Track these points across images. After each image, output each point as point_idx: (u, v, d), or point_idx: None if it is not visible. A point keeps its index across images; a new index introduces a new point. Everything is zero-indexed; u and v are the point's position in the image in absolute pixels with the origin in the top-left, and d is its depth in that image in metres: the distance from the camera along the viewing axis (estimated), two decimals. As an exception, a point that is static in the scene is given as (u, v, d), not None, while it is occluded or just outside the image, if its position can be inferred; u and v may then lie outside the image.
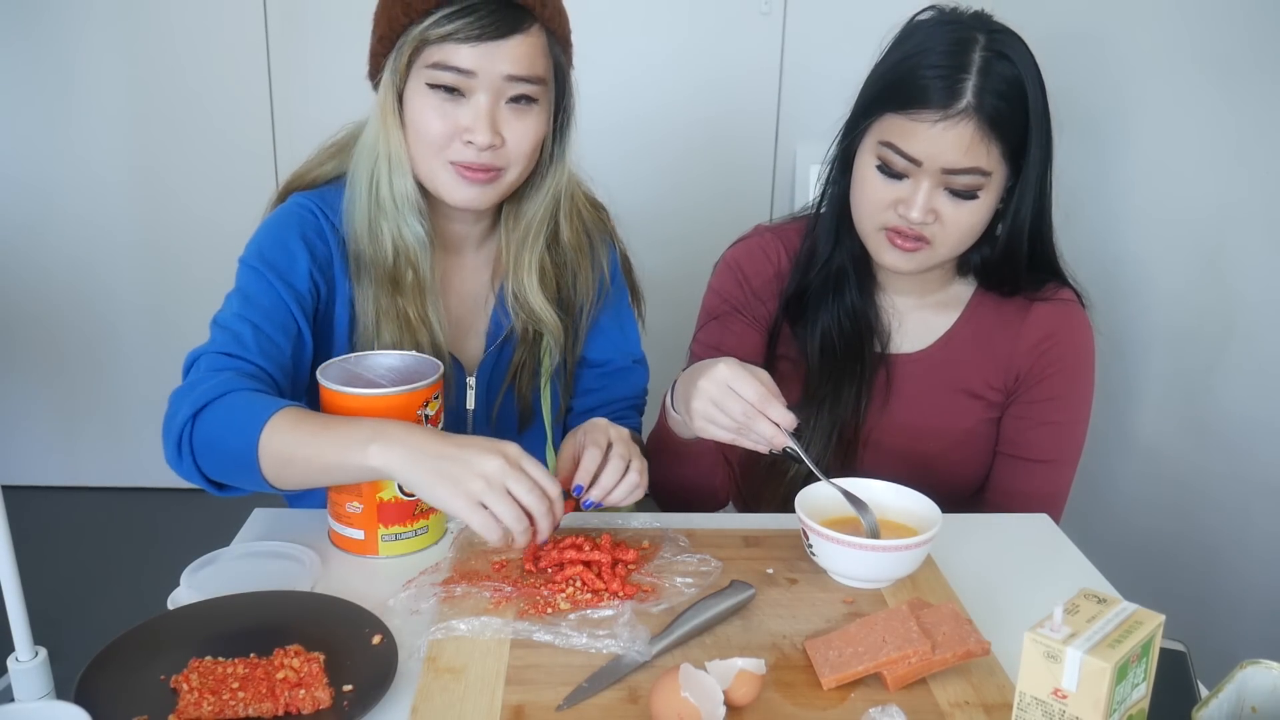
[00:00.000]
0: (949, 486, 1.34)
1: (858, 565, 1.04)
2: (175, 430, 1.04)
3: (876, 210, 1.22)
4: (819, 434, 1.31)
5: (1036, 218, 1.25)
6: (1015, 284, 1.31)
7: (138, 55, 2.76)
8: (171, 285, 2.90)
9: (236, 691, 0.84)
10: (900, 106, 1.17)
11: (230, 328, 1.13)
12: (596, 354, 1.38)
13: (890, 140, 1.18)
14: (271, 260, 1.17)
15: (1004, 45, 1.17)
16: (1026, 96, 1.16)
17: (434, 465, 0.95)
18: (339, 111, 1.28)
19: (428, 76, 1.13)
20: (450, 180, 1.17)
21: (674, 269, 1.87)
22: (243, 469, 1.02)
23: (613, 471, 1.09)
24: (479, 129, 1.13)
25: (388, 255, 1.20)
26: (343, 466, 0.99)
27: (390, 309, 1.21)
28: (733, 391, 1.06)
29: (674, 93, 2.77)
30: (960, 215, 1.19)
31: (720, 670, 0.85)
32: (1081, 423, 1.34)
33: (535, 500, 0.96)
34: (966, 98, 1.14)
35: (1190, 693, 0.86)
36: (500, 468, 0.95)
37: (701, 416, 1.08)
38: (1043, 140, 1.20)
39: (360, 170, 1.19)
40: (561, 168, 1.25)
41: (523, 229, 1.26)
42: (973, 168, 1.16)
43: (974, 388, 1.33)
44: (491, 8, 1.10)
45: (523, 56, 1.13)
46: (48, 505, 2.97)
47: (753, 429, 1.07)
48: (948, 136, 1.15)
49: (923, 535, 1.03)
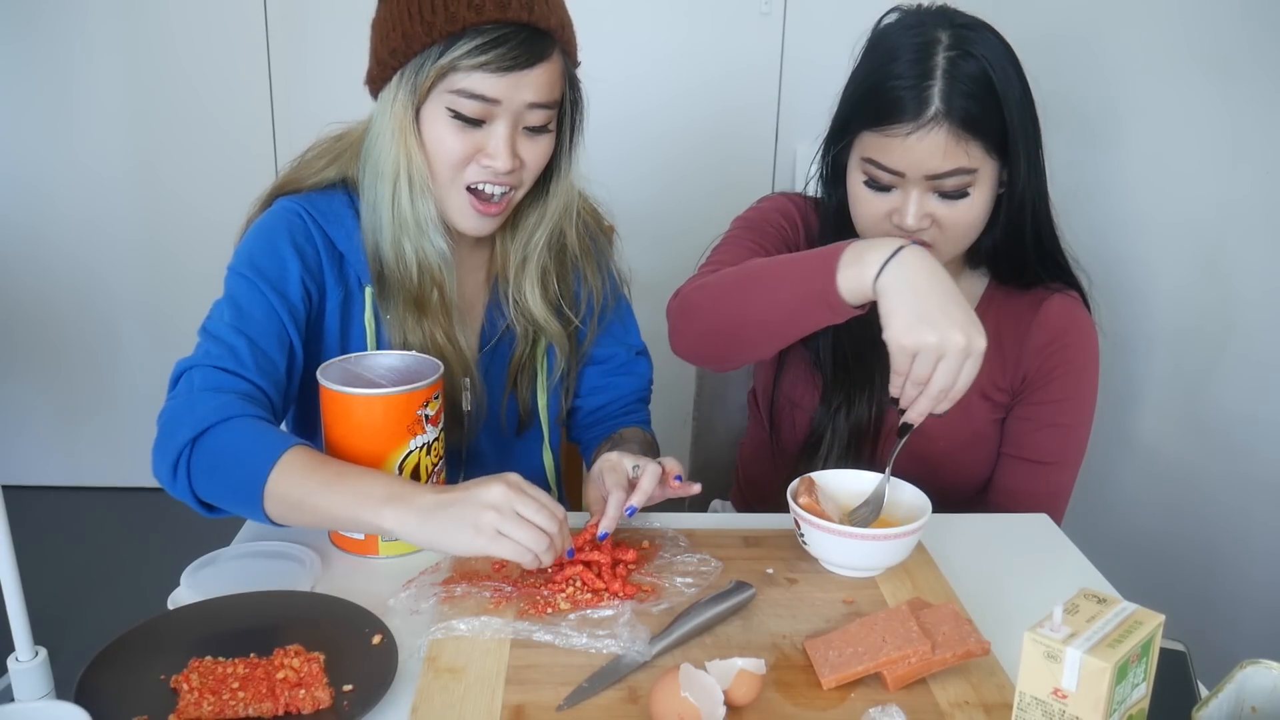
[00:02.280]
0: (955, 485, 1.34)
1: (849, 554, 1.06)
2: (173, 450, 1.03)
3: (874, 223, 1.22)
4: (837, 443, 1.32)
5: (1037, 198, 1.24)
6: (1025, 272, 1.30)
7: (138, 55, 2.76)
8: (171, 285, 2.91)
9: (236, 691, 0.84)
10: (873, 123, 1.17)
11: (224, 340, 1.11)
12: (600, 350, 1.38)
13: (870, 156, 1.19)
14: (263, 268, 1.16)
15: (967, 42, 1.15)
16: (997, 90, 1.15)
17: (444, 516, 0.96)
18: (339, 111, 1.28)
19: (449, 101, 1.12)
20: (462, 208, 1.17)
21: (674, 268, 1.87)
22: (244, 502, 1.01)
23: (650, 477, 1.09)
24: (500, 156, 1.13)
25: (413, 275, 1.19)
26: (354, 521, 1.00)
27: (417, 329, 1.21)
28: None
29: (674, 92, 2.77)
30: (956, 215, 1.19)
31: (720, 670, 0.85)
32: (1085, 425, 1.34)
33: (546, 519, 0.96)
34: (935, 104, 1.13)
35: (1190, 693, 0.87)
36: (504, 493, 0.96)
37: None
38: (1025, 125, 1.19)
39: (381, 190, 1.17)
40: (569, 181, 1.25)
41: (526, 242, 1.26)
42: (955, 169, 1.16)
43: (985, 389, 1.33)
44: (521, 37, 1.10)
45: (545, 84, 1.13)
46: (48, 505, 2.98)
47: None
48: (923, 146, 1.14)
49: (912, 524, 1.04)
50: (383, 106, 1.16)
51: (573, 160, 1.24)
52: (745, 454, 1.56)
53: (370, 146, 1.18)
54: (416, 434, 1.08)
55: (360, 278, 1.21)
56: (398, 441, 1.07)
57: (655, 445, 1.36)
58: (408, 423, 1.07)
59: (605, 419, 1.37)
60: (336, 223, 1.20)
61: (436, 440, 1.11)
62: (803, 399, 1.37)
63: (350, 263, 1.21)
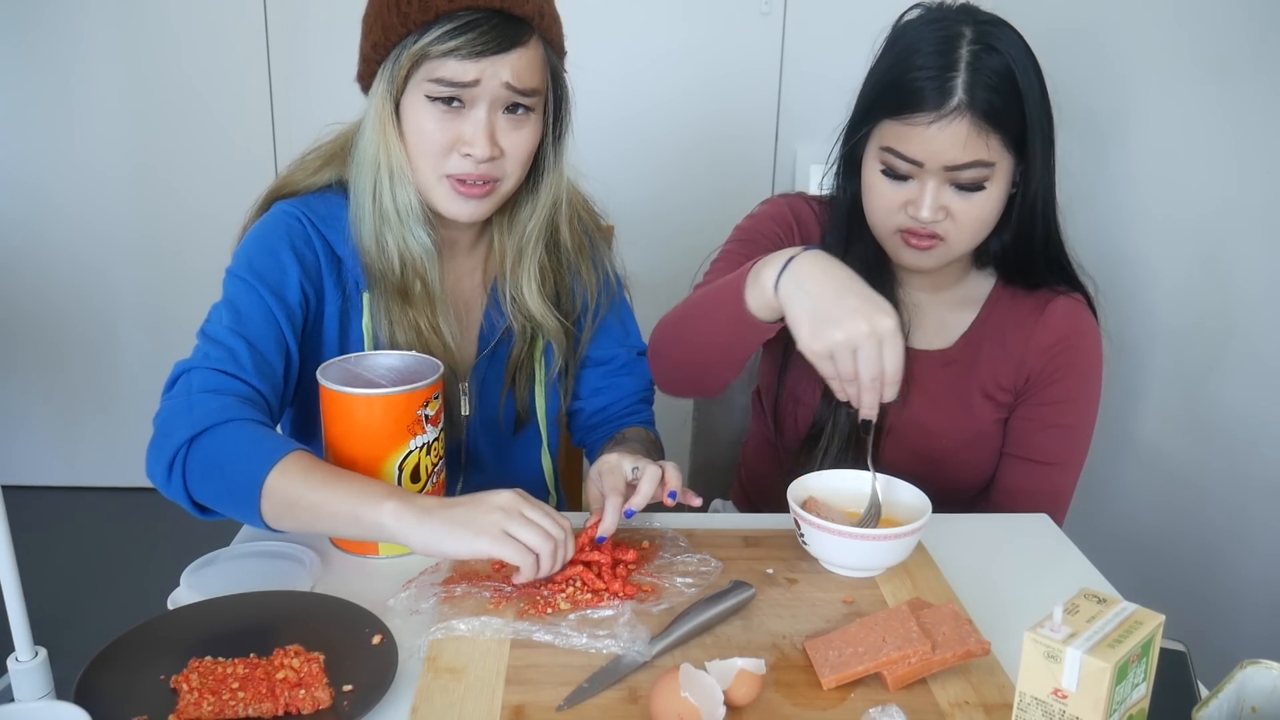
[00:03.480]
0: (957, 485, 1.34)
1: (849, 554, 1.06)
2: (169, 450, 1.03)
3: (888, 214, 1.22)
4: (838, 437, 1.32)
5: (1046, 199, 1.25)
6: (1033, 273, 1.30)
7: (138, 55, 2.76)
8: (172, 285, 2.91)
9: (236, 691, 0.84)
10: (895, 112, 1.18)
11: (223, 343, 1.11)
12: (600, 351, 1.37)
13: (890, 145, 1.19)
14: (262, 272, 1.15)
15: (991, 37, 1.16)
16: (1019, 85, 1.16)
17: (446, 515, 0.96)
18: (339, 111, 1.27)
19: (427, 89, 1.12)
20: (446, 194, 1.17)
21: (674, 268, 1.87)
22: (240, 504, 1.01)
23: (650, 479, 1.09)
24: (478, 142, 1.13)
25: (395, 266, 1.19)
26: (354, 518, 0.98)
27: (402, 320, 1.21)
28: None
29: (674, 92, 2.77)
30: (970, 208, 1.19)
31: (720, 670, 0.85)
32: (1088, 427, 1.34)
33: (551, 524, 0.97)
34: (958, 95, 1.14)
35: (1190, 693, 0.86)
36: (512, 498, 0.97)
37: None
38: (1043, 124, 1.20)
39: (362, 182, 1.18)
40: (559, 174, 1.25)
41: (520, 236, 1.26)
42: (974, 161, 1.16)
43: (988, 388, 1.33)
44: (493, 22, 1.10)
45: (522, 69, 1.13)
46: (48, 505, 2.98)
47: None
48: (944, 135, 1.15)
49: (912, 524, 1.04)
50: (370, 102, 1.17)
51: (559, 153, 1.24)
52: (748, 452, 1.56)
53: (357, 142, 1.19)
54: (416, 434, 1.08)
55: (358, 282, 1.21)
56: (398, 442, 1.07)
57: (659, 444, 1.35)
58: (407, 423, 1.07)
59: (608, 420, 1.37)
60: (334, 227, 1.20)
61: (436, 440, 1.11)
62: (805, 395, 1.37)
63: (348, 267, 1.21)
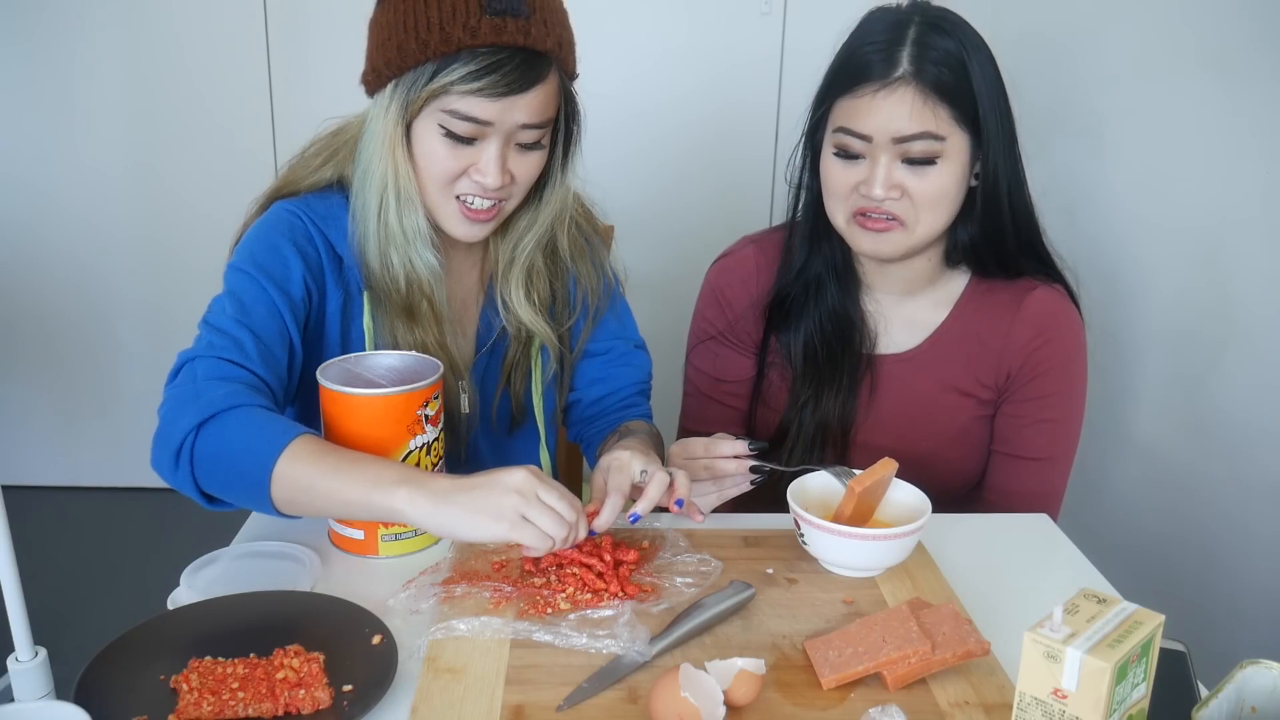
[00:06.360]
0: (944, 484, 1.34)
1: (849, 554, 1.06)
2: (175, 438, 1.02)
3: (842, 197, 1.24)
4: (802, 438, 1.33)
5: (1012, 186, 1.25)
6: (1009, 263, 1.30)
7: (138, 54, 2.76)
8: (172, 285, 2.90)
9: (236, 691, 0.84)
10: (845, 89, 1.21)
11: (229, 333, 1.10)
12: (598, 344, 1.37)
13: (842, 124, 1.22)
14: (265, 265, 1.15)
15: (941, 19, 1.20)
16: (967, 66, 1.18)
17: (462, 499, 0.95)
18: (339, 111, 1.27)
19: (441, 120, 1.11)
20: (454, 216, 1.18)
21: (674, 267, 1.87)
22: (250, 490, 1.00)
23: (657, 485, 1.09)
24: (490, 173, 1.13)
25: (400, 285, 1.20)
26: (365, 503, 0.98)
27: (407, 337, 1.21)
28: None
29: (675, 91, 2.77)
30: (924, 185, 1.20)
31: (720, 670, 0.85)
32: (1076, 418, 1.34)
33: (566, 507, 0.97)
34: (903, 65, 1.18)
35: (1190, 693, 0.86)
36: (527, 478, 0.96)
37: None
38: (999, 108, 1.21)
39: (368, 199, 1.17)
40: (563, 188, 1.25)
41: (514, 244, 1.27)
42: (922, 132, 1.18)
43: (964, 385, 1.33)
44: (517, 61, 1.09)
45: (539, 106, 1.13)
46: (48, 505, 2.98)
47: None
48: (889, 103, 1.17)
49: (912, 524, 1.04)
50: (376, 111, 1.16)
51: (567, 168, 1.25)
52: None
53: (362, 149, 1.18)
54: (416, 434, 1.08)
55: (359, 282, 1.21)
56: (398, 442, 1.07)
57: (660, 438, 1.36)
58: (408, 423, 1.07)
59: (605, 412, 1.37)
60: (335, 227, 1.20)
61: (436, 440, 1.11)
62: (773, 399, 1.38)
63: (349, 267, 1.21)
